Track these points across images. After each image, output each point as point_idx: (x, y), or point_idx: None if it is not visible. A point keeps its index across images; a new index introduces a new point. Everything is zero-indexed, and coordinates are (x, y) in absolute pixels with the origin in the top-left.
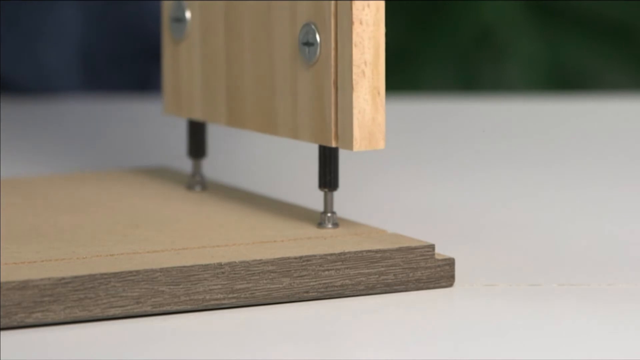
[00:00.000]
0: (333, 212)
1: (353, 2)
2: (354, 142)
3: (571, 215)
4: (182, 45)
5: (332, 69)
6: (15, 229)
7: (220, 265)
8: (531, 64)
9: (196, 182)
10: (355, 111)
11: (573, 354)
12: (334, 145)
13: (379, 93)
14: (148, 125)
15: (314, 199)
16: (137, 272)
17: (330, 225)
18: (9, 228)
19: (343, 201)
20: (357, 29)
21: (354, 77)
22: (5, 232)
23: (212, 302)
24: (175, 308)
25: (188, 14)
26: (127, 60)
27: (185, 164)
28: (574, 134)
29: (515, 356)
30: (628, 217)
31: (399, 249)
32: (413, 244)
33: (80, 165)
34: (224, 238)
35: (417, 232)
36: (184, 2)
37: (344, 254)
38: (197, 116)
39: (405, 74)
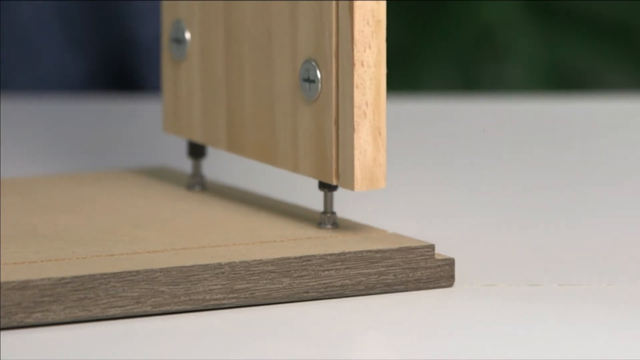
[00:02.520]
0: (333, 212)
1: (354, 43)
2: (355, 183)
3: (571, 215)
4: (182, 66)
5: (333, 108)
6: (15, 229)
7: (220, 265)
8: (531, 64)
9: (196, 182)
10: (356, 152)
11: (573, 354)
12: (334, 183)
13: (380, 133)
14: (148, 125)
15: (314, 199)
16: (137, 272)
17: (330, 226)
18: (9, 228)
19: (343, 201)
20: (358, 70)
21: (355, 118)
22: (5, 232)
23: (212, 302)
24: (175, 308)
25: (188, 35)
26: (123, 54)
27: (185, 164)
28: (574, 134)
29: (516, 356)
30: (628, 217)
31: (399, 249)
32: (413, 244)
33: (80, 165)
34: (224, 238)
35: (417, 232)
36: (184, 22)
37: (344, 254)
38: (197, 138)
39: (406, 74)
